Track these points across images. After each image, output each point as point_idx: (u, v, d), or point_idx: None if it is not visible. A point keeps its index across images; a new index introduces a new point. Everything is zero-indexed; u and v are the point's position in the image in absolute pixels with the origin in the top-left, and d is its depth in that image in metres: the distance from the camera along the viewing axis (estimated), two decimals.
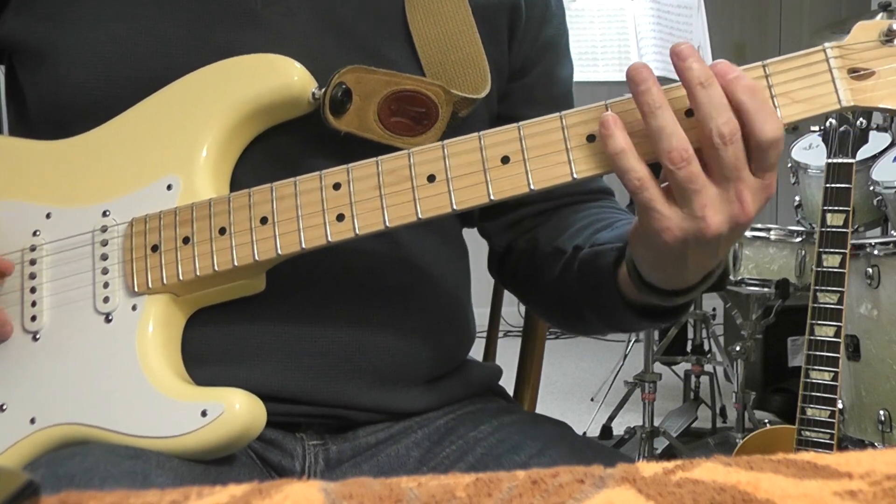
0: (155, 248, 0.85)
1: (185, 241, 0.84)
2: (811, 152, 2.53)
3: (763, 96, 0.73)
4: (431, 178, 0.80)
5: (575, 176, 0.78)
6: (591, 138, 0.78)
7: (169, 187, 0.86)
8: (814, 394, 1.81)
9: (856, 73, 0.76)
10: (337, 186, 0.82)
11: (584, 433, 3.07)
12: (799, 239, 2.52)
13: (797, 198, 2.63)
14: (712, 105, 0.72)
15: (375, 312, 0.93)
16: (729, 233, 0.75)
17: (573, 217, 1.01)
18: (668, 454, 2.82)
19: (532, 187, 0.78)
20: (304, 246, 0.82)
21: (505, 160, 0.79)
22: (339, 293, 0.92)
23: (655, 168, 0.76)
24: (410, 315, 0.95)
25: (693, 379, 3.28)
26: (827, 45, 0.76)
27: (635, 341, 3.36)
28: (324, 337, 0.90)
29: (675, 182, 0.73)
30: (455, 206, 0.79)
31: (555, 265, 0.97)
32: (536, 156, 0.78)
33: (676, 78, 0.75)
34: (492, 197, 0.79)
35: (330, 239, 0.81)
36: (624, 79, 0.75)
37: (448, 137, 0.82)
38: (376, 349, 0.93)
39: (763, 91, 0.74)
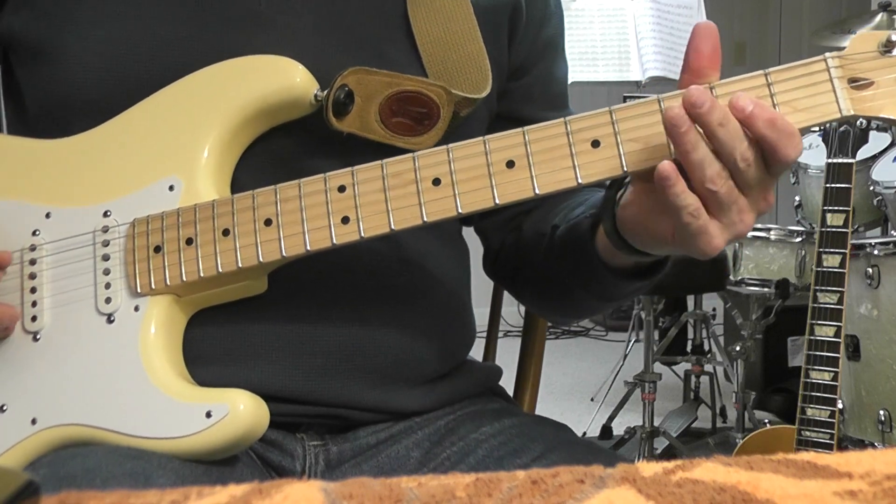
0: (157, 249, 0.85)
1: (189, 242, 0.84)
2: (811, 152, 2.53)
3: (782, 124, 0.74)
4: (437, 182, 0.80)
5: (580, 181, 0.78)
6: (595, 144, 0.78)
7: (171, 188, 0.86)
8: (814, 394, 1.81)
9: (856, 83, 0.77)
10: (342, 189, 0.82)
11: (584, 433, 3.07)
12: (799, 239, 2.52)
13: (797, 198, 2.63)
14: (733, 139, 0.74)
15: (376, 312, 0.93)
16: None
17: (554, 205, 1.01)
18: (668, 454, 2.82)
19: (537, 192, 0.78)
20: (308, 248, 0.82)
21: (510, 164, 0.79)
22: (339, 293, 0.92)
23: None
24: (411, 315, 0.95)
25: (693, 379, 3.28)
26: (828, 55, 0.77)
27: (635, 341, 3.36)
28: (324, 337, 0.91)
29: (715, 199, 0.75)
30: (461, 210, 0.80)
31: (538, 248, 0.98)
32: (541, 161, 0.78)
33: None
34: (497, 201, 0.79)
35: (335, 241, 0.81)
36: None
37: (449, 137, 0.82)
38: (377, 349, 0.93)
39: (781, 120, 0.74)
